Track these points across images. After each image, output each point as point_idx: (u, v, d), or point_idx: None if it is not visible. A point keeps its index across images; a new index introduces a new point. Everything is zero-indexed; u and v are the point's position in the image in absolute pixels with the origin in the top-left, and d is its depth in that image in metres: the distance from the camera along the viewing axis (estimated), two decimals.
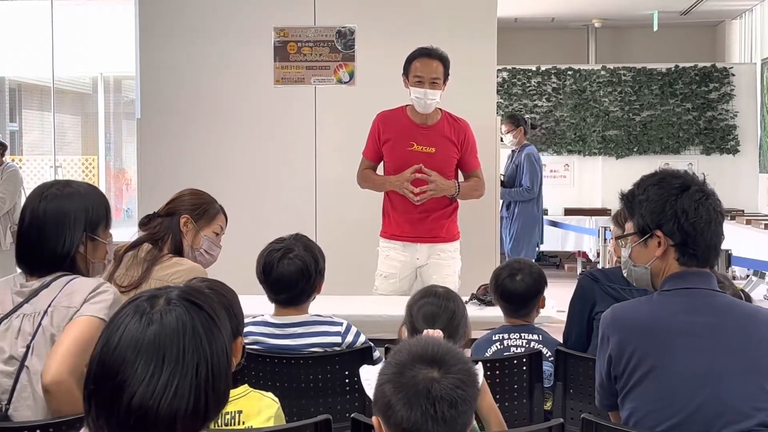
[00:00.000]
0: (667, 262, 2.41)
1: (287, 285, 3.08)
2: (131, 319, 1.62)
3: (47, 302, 2.50)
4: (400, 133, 4.75)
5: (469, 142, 4.82)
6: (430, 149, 4.70)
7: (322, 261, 3.15)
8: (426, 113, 4.71)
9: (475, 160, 4.86)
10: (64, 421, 2.26)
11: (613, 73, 12.53)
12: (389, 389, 1.78)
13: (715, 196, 2.41)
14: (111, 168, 14.19)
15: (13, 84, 14.25)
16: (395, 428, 1.76)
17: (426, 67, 4.65)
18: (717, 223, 2.37)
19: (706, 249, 2.37)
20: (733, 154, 12.50)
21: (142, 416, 1.56)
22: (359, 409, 3.01)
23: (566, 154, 12.87)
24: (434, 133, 4.73)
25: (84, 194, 2.66)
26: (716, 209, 2.38)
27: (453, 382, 1.76)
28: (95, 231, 2.66)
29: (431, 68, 4.65)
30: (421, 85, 4.64)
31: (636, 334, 2.33)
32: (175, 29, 5.83)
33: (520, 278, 3.38)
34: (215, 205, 3.39)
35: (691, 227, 2.35)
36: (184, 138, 5.81)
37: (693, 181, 2.41)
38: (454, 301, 2.75)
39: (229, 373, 1.69)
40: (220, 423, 2.20)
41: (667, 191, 2.38)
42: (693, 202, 2.35)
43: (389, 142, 4.76)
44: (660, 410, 2.27)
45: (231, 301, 2.42)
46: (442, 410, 1.73)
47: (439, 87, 4.66)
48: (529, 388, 3.09)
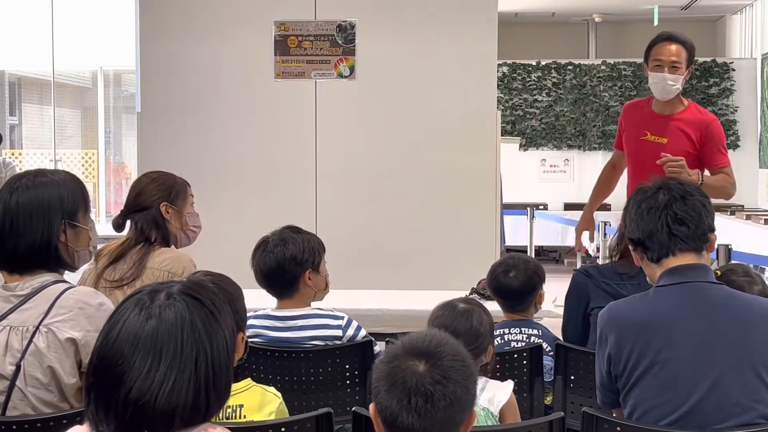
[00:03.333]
0: (647, 265, 2.46)
1: (266, 279, 3.11)
2: (131, 312, 1.63)
3: (38, 316, 2.36)
4: (637, 122, 4.61)
5: (713, 136, 4.54)
6: (662, 140, 4.50)
7: (307, 254, 3.12)
8: (665, 100, 4.51)
9: (718, 155, 4.57)
10: (65, 415, 2.25)
11: (613, 68, 12.53)
12: (377, 376, 1.80)
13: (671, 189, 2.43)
14: (111, 162, 14.18)
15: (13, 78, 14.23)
16: (380, 414, 1.78)
17: (666, 50, 4.46)
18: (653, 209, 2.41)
19: (648, 236, 2.40)
20: (733, 149, 12.51)
21: (139, 410, 1.56)
22: (360, 402, 3.01)
23: (566, 148, 12.88)
24: (670, 123, 4.53)
25: (57, 182, 2.52)
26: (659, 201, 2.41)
27: (434, 376, 1.75)
28: (74, 217, 2.51)
29: (671, 52, 4.45)
30: (660, 69, 4.43)
31: (634, 331, 2.34)
32: (175, 23, 5.81)
33: (513, 275, 3.36)
34: (178, 180, 3.35)
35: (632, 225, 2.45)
36: (185, 132, 5.80)
37: (648, 187, 2.48)
38: (475, 317, 2.70)
39: (230, 368, 1.69)
40: (221, 416, 2.20)
41: (625, 207, 2.54)
42: (633, 209, 2.46)
43: (628, 131, 4.66)
44: (661, 406, 2.27)
45: (234, 296, 2.41)
46: (416, 402, 1.73)
47: (680, 72, 4.44)
48: (530, 382, 3.10)
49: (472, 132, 5.56)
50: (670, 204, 2.40)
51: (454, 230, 5.52)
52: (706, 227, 2.41)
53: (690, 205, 2.40)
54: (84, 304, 2.39)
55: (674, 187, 2.45)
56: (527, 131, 12.79)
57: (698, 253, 2.41)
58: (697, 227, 2.39)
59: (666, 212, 2.39)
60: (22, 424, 2.24)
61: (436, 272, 5.39)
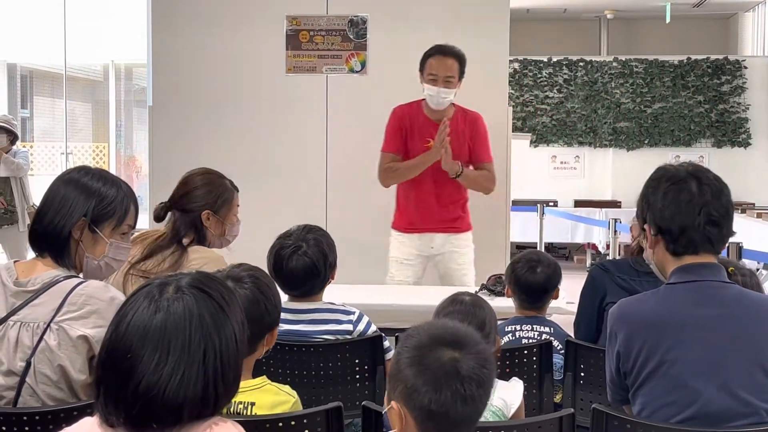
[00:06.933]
0: (662, 254, 2.40)
1: (297, 281, 3.07)
2: (140, 305, 1.64)
3: (49, 312, 2.35)
4: (417, 130, 4.75)
5: (479, 133, 4.81)
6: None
7: (332, 254, 3.12)
8: (439, 110, 4.71)
9: (485, 152, 4.83)
10: (75, 407, 2.25)
11: (624, 65, 12.48)
12: (412, 373, 1.77)
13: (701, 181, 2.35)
14: (121, 155, 14.22)
15: (25, 70, 14.28)
16: (420, 412, 1.75)
17: (441, 64, 4.64)
18: (691, 204, 2.32)
19: (680, 232, 2.33)
20: (745, 147, 12.46)
21: (148, 403, 1.57)
22: (369, 397, 3.01)
23: (577, 145, 12.84)
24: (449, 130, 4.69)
25: (109, 185, 2.53)
26: (693, 192, 2.33)
27: (477, 361, 1.77)
28: (99, 224, 2.50)
29: (446, 66, 4.64)
30: (435, 83, 4.63)
31: (643, 329, 2.32)
32: (187, 17, 5.82)
33: (540, 270, 3.36)
34: (228, 187, 3.33)
35: (661, 213, 2.35)
36: (196, 125, 5.81)
37: (675, 171, 2.39)
38: (483, 309, 2.71)
39: (239, 361, 1.70)
40: (232, 411, 2.20)
41: (649, 186, 2.42)
42: (663, 189, 2.36)
43: (408, 138, 4.76)
44: (670, 405, 2.26)
45: (273, 290, 2.43)
46: (471, 389, 1.73)
47: (453, 85, 4.65)
48: (539, 378, 3.09)
49: None
50: (707, 203, 2.33)
51: None
52: (731, 230, 2.39)
53: (724, 206, 2.35)
54: (95, 300, 2.39)
55: (705, 178, 2.37)
56: (538, 128, 12.76)
57: (718, 254, 2.40)
58: (726, 230, 2.36)
59: (704, 210, 2.33)
60: (33, 416, 2.24)
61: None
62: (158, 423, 1.59)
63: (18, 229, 7.55)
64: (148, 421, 1.58)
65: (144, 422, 1.58)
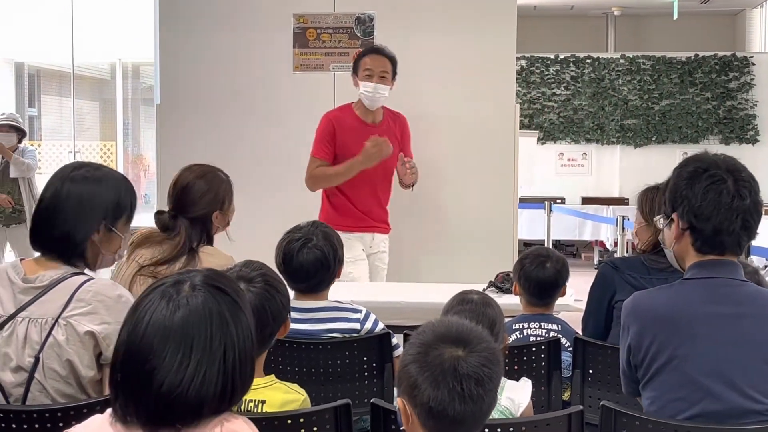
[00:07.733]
0: (686, 247, 2.37)
1: (307, 274, 3.07)
2: (157, 304, 1.63)
3: (57, 308, 2.36)
4: (352, 134, 4.83)
5: (406, 134, 5.02)
6: None
7: (340, 249, 3.14)
8: (373, 109, 4.84)
9: (410, 150, 5.02)
10: (85, 405, 2.26)
11: (632, 62, 12.46)
12: (414, 369, 1.78)
13: (738, 181, 2.30)
14: (129, 154, 14.24)
15: (33, 69, 14.30)
16: (421, 408, 1.76)
17: (375, 61, 4.81)
18: (730, 208, 2.28)
19: (714, 233, 2.30)
20: (753, 144, 12.44)
21: (170, 403, 1.57)
22: (378, 394, 3.02)
23: (584, 142, 12.83)
24: (382, 131, 4.84)
25: (113, 182, 2.53)
26: (732, 193, 2.28)
27: (479, 360, 1.76)
28: (115, 223, 2.51)
29: (380, 63, 4.81)
30: (370, 79, 4.77)
31: (655, 324, 2.31)
32: (194, 15, 5.83)
33: (549, 265, 3.35)
34: (224, 180, 3.32)
35: (698, 211, 2.30)
36: (203, 124, 5.82)
37: (713, 165, 2.33)
38: (492, 307, 2.71)
39: (254, 354, 1.70)
40: (243, 409, 2.21)
41: (685, 175, 2.35)
42: (703, 186, 2.30)
43: (343, 143, 4.84)
44: (679, 400, 2.25)
45: (282, 287, 2.44)
46: (469, 388, 1.73)
47: (388, 82, 4.81)
48: (548, 376, 3.09)
49: (490, 125, 5.56)
50: (747, 209, 2.29)
51: (471, 223, 5.52)
52: (755, 234, 2.36)
53: (759, 212, 2.33)
54: (103, 297, 2.39)
55: (740, 178, 2.32)
56: (545, 125, 12.75)
57: (740, 254, 2.38)
58: (754, 235, 2.35)
59: (741, 217, 2.29)
60: (43, 413, 2.25)
61: (453, 265, 5.39)
62: (179, 421, 1.59)
63: (26, 228, 7.58)
64: (170, 421, 1.58)
65: (165, 421, 1.58)
